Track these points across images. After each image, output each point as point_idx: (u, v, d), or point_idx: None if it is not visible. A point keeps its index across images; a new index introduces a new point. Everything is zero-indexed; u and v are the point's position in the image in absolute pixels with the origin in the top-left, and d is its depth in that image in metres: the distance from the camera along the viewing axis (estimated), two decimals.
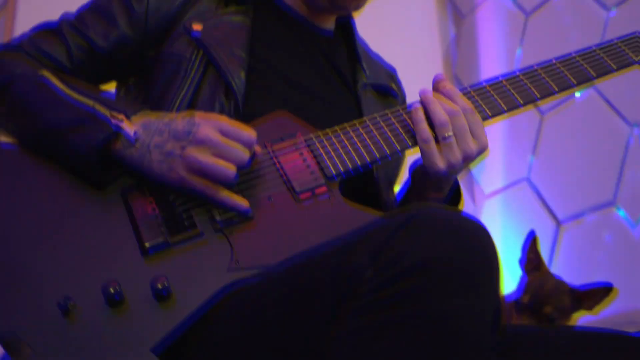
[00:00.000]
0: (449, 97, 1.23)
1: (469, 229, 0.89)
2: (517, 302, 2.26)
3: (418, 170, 1.31)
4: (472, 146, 1.21)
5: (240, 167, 1.11)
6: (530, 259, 2.33)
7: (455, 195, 1.37)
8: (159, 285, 1.02)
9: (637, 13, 2.99)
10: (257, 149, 1.14)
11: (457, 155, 1.20)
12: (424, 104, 1.22)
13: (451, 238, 0.87)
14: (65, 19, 1.33)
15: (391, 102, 1.51)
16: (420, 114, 1.22)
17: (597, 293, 2.27)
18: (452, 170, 1.22)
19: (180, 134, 1.10)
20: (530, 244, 2.34)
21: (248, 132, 1.12)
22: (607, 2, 3.15)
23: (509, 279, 2.55)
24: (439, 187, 1.30)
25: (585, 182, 3.12)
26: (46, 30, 1.32)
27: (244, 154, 1.11)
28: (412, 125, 1.24)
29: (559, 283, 2.28)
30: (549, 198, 3.29)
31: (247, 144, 1.11)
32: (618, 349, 1.10)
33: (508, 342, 0.94)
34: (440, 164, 1.20)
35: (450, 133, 1.20)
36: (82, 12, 1.34)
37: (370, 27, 1.68)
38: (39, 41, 1.30)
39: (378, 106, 1.45)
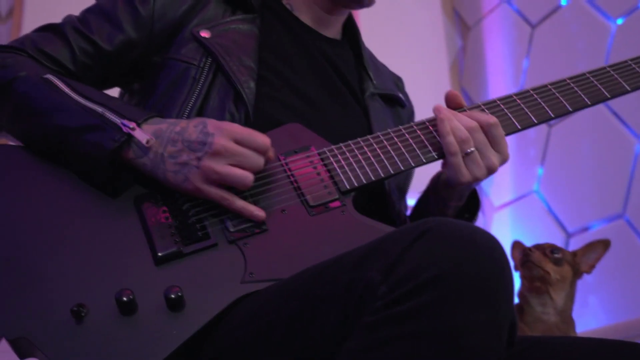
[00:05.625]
0: (467, 114, 1.23)
1: (482, 242, 0.88)
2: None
3: (440, 181, 1.32)
4: (494, 159, 1.22)
5: (257, 173, 1.12)
6: (518, 259, 2.27)
7: (473, 202, 1.38)
8: (172, 295, 1.02)
9: None
10: (271, 154, 1.15)
11: (481, 168, 1.21)
12: (442, 120, 1.21)
13: (464, 251, 0.86)
14: (69, 20, 1.31)
15: (399, 111, 1.52)
16: (447, 127, 1.21)
17: (594, 248, 2.21)
18: (476, 182, 1.23)
19: (194, 144, 1.10)
20: (513, 251, 2.30)
21: (262, 138, 1.12)
22: (612, 13, 3.15)
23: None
24: (461, 197, 1.33)
25: (593, 194, 3.11)
26: (50, 31, 1.30)
27: (260, 160, 1.12)
28: (427, 140, 1.24)
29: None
30: (558, 210, 3.28)
31: (262, 150, 1.12)
32: (624, 358, 1.09)
33: (512, 349, 0.94)
34: (466, 176, 1.21)
35: (473, 148, 1.20)
36: (87, 14, 1.32)
37: (378, 38, 1.69)
38: (43, 43, 1.27)
39: (386, 115, 1.45)
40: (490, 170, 1.22)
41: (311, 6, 1.44)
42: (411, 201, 1.56)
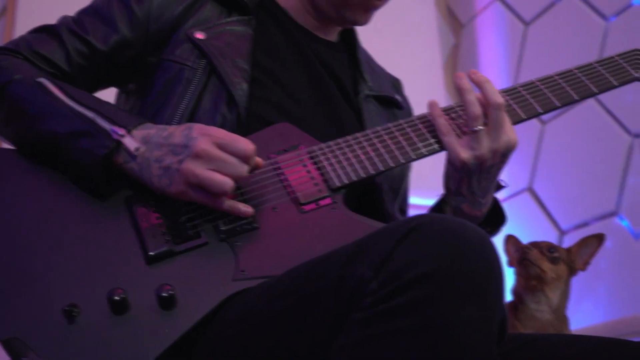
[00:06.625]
0: (487, 90, 1.20)
1: (472, 238, 0.88)
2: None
3: (447, 177, 1.28)
4: (501, 140, 1.20)
5: (239, 180, 1.10)
6: (512, 254, 2.26)
7: (496, 216, 1.35)
8: (164, 294, 1.01)
9: (635, 21, 3.00)
10: (259, 160, 1.13)
11: (483, 146, 1.19)
12: (460, 91, 1.21)
13: (455, 247, 0.86)
14: (64, 22, 1.31)
15: (395, 113, 1.51)
16: (438, 109, 1.23)
17: (588, 243, 2.21)
18: (479, 161, 1.20)
19: (178, 148, 1.09)
20: (506, 245, 2.29)
21: (245, 145, 1.10)
22: (605, 11, 3.15)
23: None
24: (473, 194, 1.27)
25: (587, 191, 3.12)
26: (45, 33, 1.30)
27: (241, 167, 1.09)
28: (416, 137, 1.23)
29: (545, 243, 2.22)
30: (552, 207, 3.29)
31: (245, 157, 1.10)
32: (618, 355, 1.10)
33: (506, 346, 0.94)
34: (464, 153, 1.20)
35: (481, 127, 1.19)
36: (82, 15, 1.32)
37: (371, 37, 1.68)
38: (38, 45, 1.27)
39: (381, 117, 1.45)
40: (495, 151, 1.19)
41: (307, 16, 1.44)
42: (414, 199, 1.55)
